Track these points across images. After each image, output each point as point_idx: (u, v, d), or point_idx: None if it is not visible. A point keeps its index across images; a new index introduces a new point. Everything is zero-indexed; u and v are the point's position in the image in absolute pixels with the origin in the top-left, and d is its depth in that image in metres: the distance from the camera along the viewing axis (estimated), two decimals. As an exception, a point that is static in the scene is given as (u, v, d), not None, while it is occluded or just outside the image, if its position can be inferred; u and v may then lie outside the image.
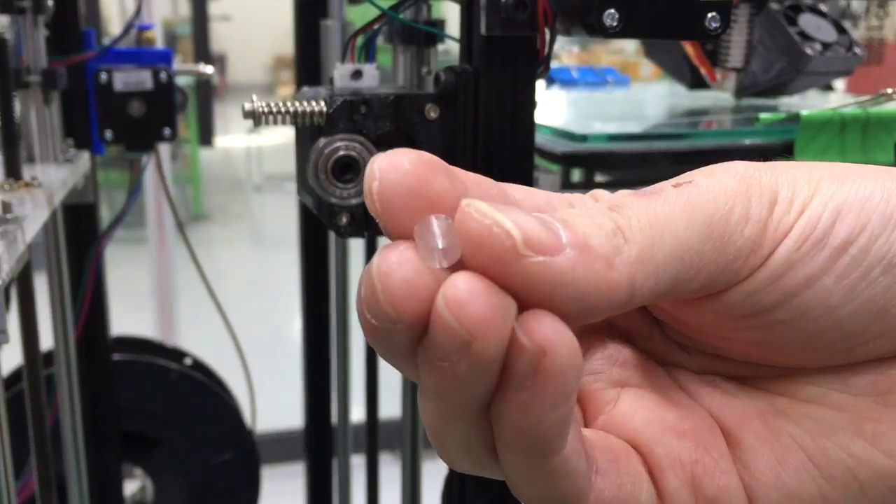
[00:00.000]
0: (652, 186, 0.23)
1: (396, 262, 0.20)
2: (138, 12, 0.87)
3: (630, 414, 0.24)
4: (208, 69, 0.95)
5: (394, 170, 0.20)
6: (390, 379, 0.92)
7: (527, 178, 0.53)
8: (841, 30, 0.83)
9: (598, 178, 0.70)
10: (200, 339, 1.60)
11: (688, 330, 0.25)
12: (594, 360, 0.25)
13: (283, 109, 0.52)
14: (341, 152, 0.51)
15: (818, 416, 0.24)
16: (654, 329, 0.26)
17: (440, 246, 0.20)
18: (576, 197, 0.26)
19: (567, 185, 0.68)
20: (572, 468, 0.22)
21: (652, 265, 0.21)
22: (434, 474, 0.82)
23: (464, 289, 0.19)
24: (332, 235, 0.91)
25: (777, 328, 0.23)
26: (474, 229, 0.19)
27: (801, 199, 0.22)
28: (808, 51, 0.79)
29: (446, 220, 0.20)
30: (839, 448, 0.23)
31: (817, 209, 0.22)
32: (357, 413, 0.93)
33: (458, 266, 0.20)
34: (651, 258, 0.21)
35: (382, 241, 0.71)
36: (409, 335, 0.20)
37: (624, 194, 0.22)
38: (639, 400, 0.25)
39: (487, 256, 0.19)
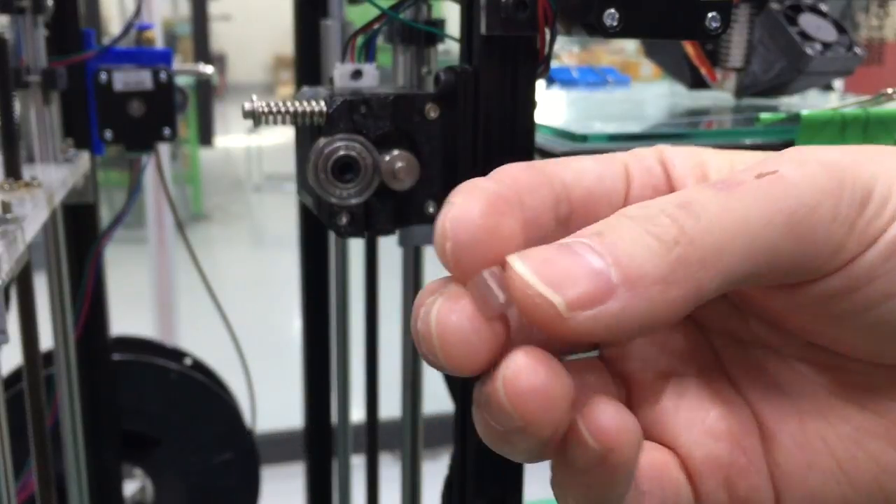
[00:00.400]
0: (734, 174, 0.22)
1: (456, 319, 0.20)
2: (138, 12, 0.87)
3: (672, 411, 0.24)
4: (208, 69, 0.94)
5: (465, 228, 0.20)
6: (390, 379, 0.92)
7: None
8: (841, 30, 0.83)
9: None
10: (200, 339, 1.60)
11: (745, 297, 0.24)
12: (647, 345, 0.25)
13: (282, 109, 0.52)
14: (341, 152, 0.51)
15: (856, 421, 0.23)
16: None
17: (501, 300, 0.20)
18: (638, 167, 0.24)
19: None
20: None
21: (719, 267, 0.20)
22: (434, 474, 0.82)
23: (524, 372, 0.19)
24: (332, 235, 0.91)
25: (839, 327, 0.22)
26: (519, 298, 0.20)
27: None
28: (809, 51, 0.79)
29: (500, 272, 0.20)
30: (870, 458, 0.23)
31: None
32: (357, 413, 0.92)
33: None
34: (718, 261, 0.20)
35: (383, 241, 0.71)
36: (467, 377, 0.21)
37: (700, 188, 0.21)
38: (682, 395, 0.24)
39: (535, 319, 0.20)
